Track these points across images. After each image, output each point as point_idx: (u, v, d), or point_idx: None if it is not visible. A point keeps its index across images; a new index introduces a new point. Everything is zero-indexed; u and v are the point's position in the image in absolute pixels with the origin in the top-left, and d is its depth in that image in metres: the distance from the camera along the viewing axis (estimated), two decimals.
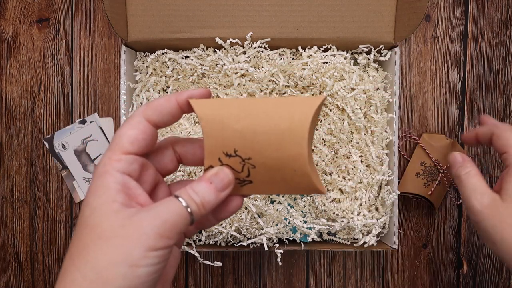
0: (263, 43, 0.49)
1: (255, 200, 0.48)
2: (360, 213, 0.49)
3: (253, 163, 0.24)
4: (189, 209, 0.23)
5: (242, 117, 0.23)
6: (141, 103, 0.50)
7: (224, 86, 0.51)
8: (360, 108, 0.49)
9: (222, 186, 0.24)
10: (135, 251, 0.20)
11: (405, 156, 0.58)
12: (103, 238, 0.21)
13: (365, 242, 0.49)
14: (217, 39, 0.48)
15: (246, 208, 0.49)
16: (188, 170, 0.49)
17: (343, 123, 0.49)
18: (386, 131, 0.50)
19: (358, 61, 0.51)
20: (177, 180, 0.48)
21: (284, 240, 0.50)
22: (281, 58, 0.51)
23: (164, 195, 0.27)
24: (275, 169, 0.24)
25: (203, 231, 0.49)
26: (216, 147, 0.24)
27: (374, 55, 0.50)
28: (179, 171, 0.49)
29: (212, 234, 0.49)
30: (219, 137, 0.24)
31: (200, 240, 0.50)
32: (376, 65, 0.52)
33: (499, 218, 0.32)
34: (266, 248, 0.48)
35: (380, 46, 0.50)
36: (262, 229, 0.48)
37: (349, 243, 0.50)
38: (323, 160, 0.49)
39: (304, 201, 0.50)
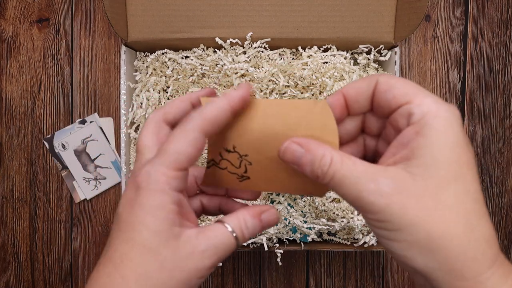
0: (263, 43, 0.49)
1: (255, 200, 0.48)
2: (360, 213, 0.49)
3: (249, 160, 0.25)
4: (236, 239, 0.23)
5: (242, 117, 0.24)
6: (141, 103, 0.50)
7: (224, 86, 0.51)
8: None
9: (268, 225, 0.25)
10: (193, 281, 0.22)
11: None
12: (166, 268, 0.22)
13: (365, 242, 0.49)
14: (217, 39, 0.48)
15: None
16: None
17: None
18: None
19: (358, 61, 0.51)
20: None
21: (284, 240, 0.50)
22: (281, 58, 0.51)
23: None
24: (270, 168, 0.25)
25: None
26: (218, 142, 0.25)
27: (374, 55, 0.50)
28: None
29: None
30: (221, 133, 0.25)
31: None
32: (376, 65, 0.52)
33: (411, 199, 0.19)
34: (266, 248, 0.48)
35: (380, 46, 0.50)
36: None
37: (349, 243, 0.50)
38: None
39: (304, 201, 0.50)
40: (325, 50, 0.51)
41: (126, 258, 0.22)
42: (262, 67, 0.50)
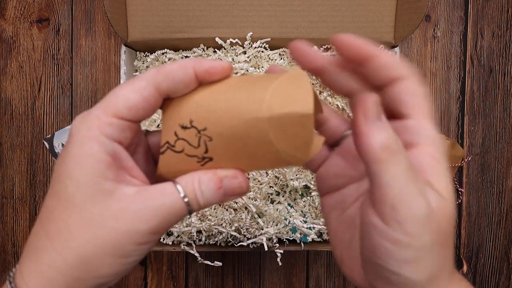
0: (263, 43, 0.49)
1: (255, 200, 0.48)
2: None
3: (208, 134, 0.20)
4: (188, 205, 0.20)
5: (204, 89, 0.21)
6: None
7: None
8: None
9: (232, 193, 0.21)
10: (126, 246, 0.19)
11: None
12: (91, 226, 0.19)
13: None
14: (217, 39, 0.48)
15: (246, 208, 0.49)
16: None
17: None
18: None
19: None
20: None
21: (284, 240, 0.50)
22: (281, 58, 0.51)
23: (142, 156, 0.24)
24: (233, 140, 0.20)
25: (203, 232, 0.49)
26: (173, 117, 0.21)
27: None
28: None
29: (212, 234, 0.49)
30: (176, 108, 0.21)
31: (200, 240, 0.50)
32: None
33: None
34: (266, 248, 0.48)
35: (380, 46, 0.50)
36: (262, 229, 0.48)
37: None
38: None
39: (304, 201, 0.50)
40: (325, 50, 0.51)
41: (51, 214, 0.20)
42: (262, 67, 0.50)
